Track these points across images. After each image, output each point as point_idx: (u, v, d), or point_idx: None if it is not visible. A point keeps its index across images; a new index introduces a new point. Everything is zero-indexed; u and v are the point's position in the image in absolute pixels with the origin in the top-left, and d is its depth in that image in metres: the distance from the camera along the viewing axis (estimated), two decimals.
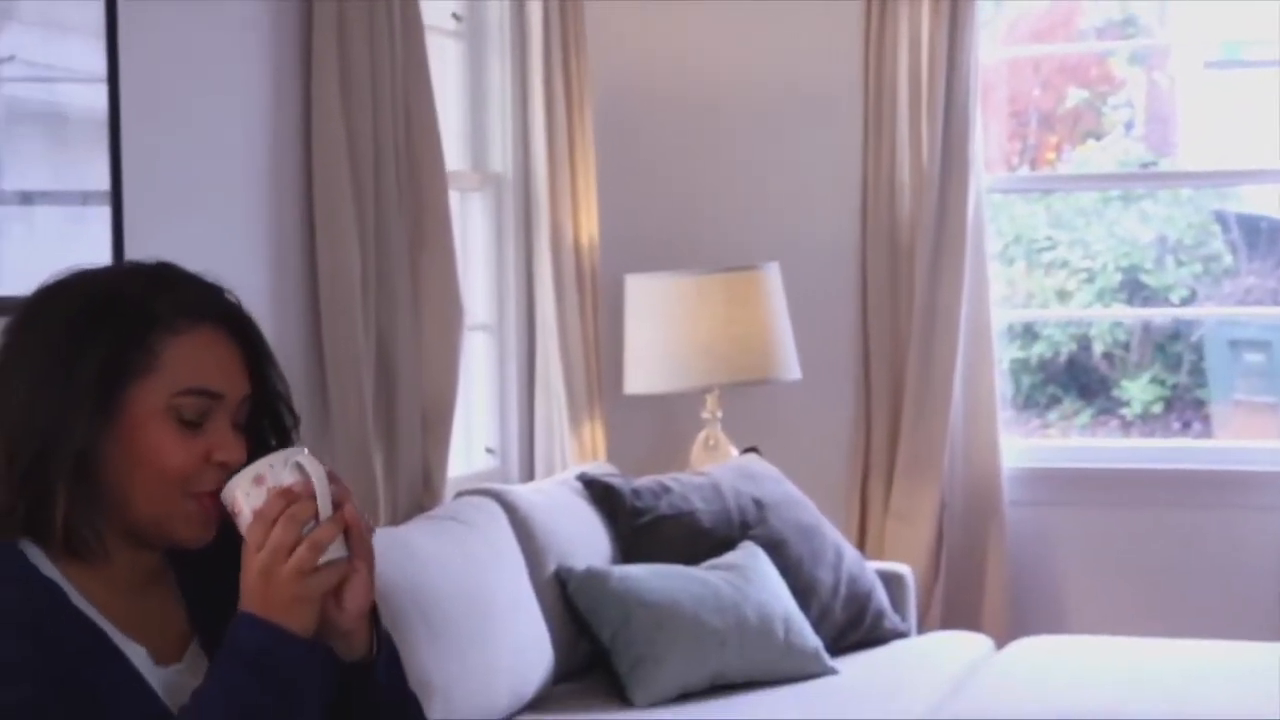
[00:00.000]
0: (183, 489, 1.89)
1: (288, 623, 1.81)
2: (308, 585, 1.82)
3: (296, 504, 1.83)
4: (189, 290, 1.93)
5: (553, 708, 4.05)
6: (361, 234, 4.07)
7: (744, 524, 4.57)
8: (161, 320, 1.89)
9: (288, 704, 1.81)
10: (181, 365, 1.89)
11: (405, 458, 4.25)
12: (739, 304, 4.97)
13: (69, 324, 1.89)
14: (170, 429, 1.88)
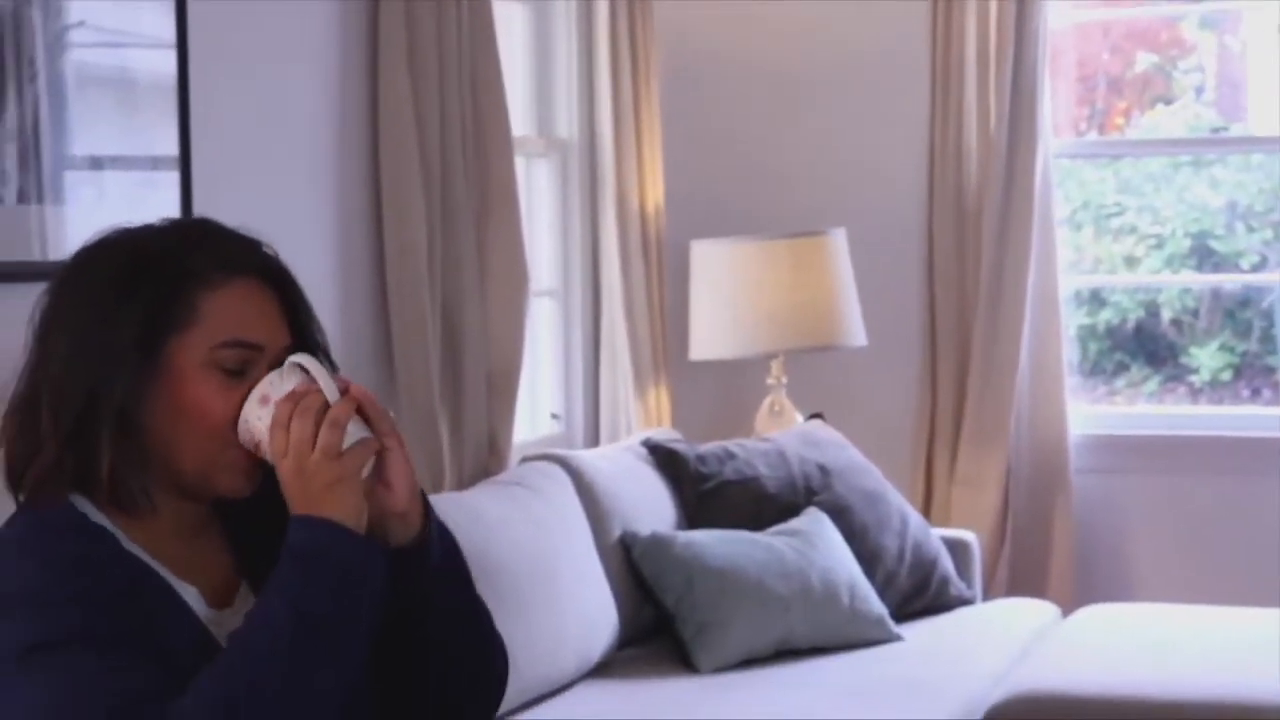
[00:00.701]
0: (225, 439, 1.92)
1: (331, 512, 1.83)
2: (341, 466, 1.84)
3: (306, 400, 1.86)
4: (226, 244, 1.96)
5: (617, 673, 4.06)
6: (427, 200, 4.08)
7: (809, 490, 4.57)
8: (199, 274, 1.92)
9: (342, 592, 1.83)
10: (221, 318, 1.92)
11: (471, 424, 4.26)
12: (805, 270, 4.96)
13: (109, 281, 1.92)
14: (212, 380, 1.91)
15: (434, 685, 2.01)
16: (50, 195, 2.97)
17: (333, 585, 1.82)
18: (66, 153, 3.03)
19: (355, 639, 1.85)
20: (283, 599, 1.82)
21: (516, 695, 3.70)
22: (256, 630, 1.82)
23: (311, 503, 1.84)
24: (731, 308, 4.98)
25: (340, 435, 1.85)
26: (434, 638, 1.99)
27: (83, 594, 1.83)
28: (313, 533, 1.83)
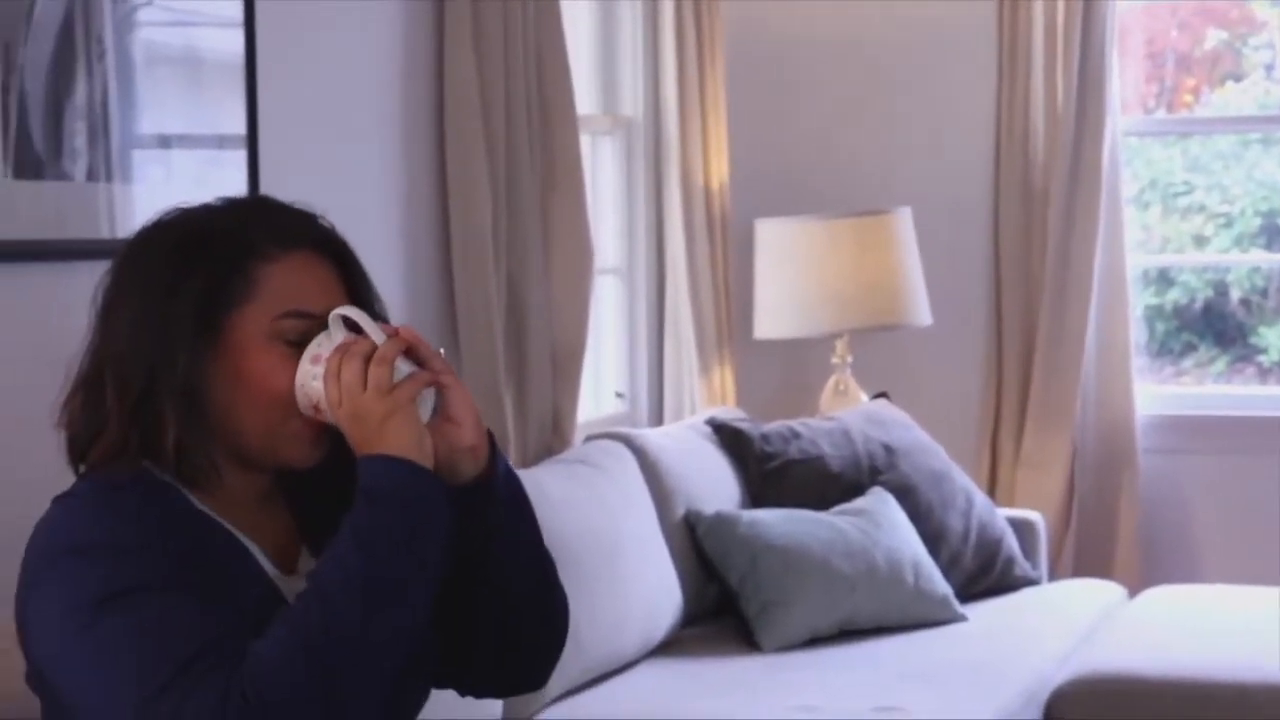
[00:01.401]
0: (288, 409, 1.94)
1: (390, 447, 1.85)
2: (393, 399, 1.86)
3: (353, 346, 1.88)
4: (281, 218, 1.98)
5: (681, 651, 4.06)
6: (493, 178, 4.08)
7: (873, 469, 4.56)
8: (256, 248, 1.94)
9: (409, 524, 1.84)
10: (280, 290, 1.94)
11: (535, 402, 4.27)
12: (870, 249, 4.94)
13: (168, 258, 1.94)
14: (274, 352, 1.93)
15: (496, 629, 2.02)
16: (119, 173, 2.99)
17: (399, 518, 1.84)
18: (135, 131, 3.05)
19: (425, 573, 1.86)
20: (352, 535, 1.83)
21: (579, 674, 3.71)
22: (328, 571, 1.83)
23: (370, 441, 1.86)
24: (796, 286, 4.97)
25: (388, 370, 1.87)
26: (498, 579, 2.00)
27: (156, 544, 1.86)
28: (374, 470, 1.85)
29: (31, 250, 2.82)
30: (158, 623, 1.80)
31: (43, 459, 2.77)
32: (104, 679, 1.82)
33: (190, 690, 1.77)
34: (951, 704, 3.63)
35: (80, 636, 1.83)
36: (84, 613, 1.82)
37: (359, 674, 1.81)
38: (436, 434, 1.91)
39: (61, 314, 2.86)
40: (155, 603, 1.81)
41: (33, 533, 1.92)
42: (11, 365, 2.77)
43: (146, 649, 1.80)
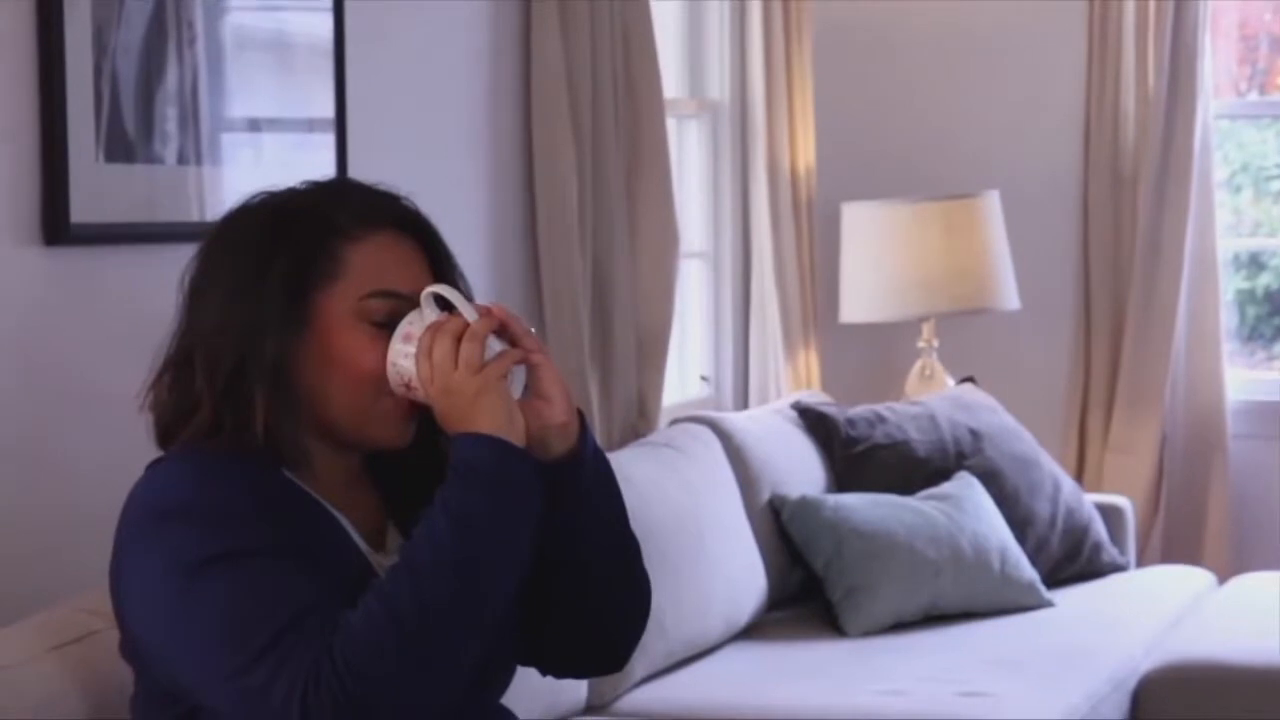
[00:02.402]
0: (377, 389, 1.95)
1: (481, 424, 1.86)
2: (484, 376, 1.87)
3: (445, 324, 1.90)
4: (366, 198, 2.00)
5: (765, 636, 4.06)
6: (579, 161, 4.09)
7: (960, 454, 4.53)
8: (342, 229, 1.96)
9: (499, 499, 1.85)
10: (365, 270, 1.95)
11: (620, 385, 4.27)
12: (957, 232, 4.92)
13: (255, 241, 1.96)
14: (361, 331, 1.94)
15: (576, 608, 2.03)
16: (208, 156, 3.01)
17: (491, 497, 1.85)
18: (224, 115, 3.07)
19: (514, 552, 1.87)
20: (443, 512, 1.85)
21: (663, 657, 3.71)
22: (420, 546, 1.84)
23: (462, 418, 1.87)
24: (882, 270, 4.95)
25: (480, 347, 1.88)
26: (581, 557, 2.01)
27: (254, 511, 1.87)
28: (467, 447, 1.86)
29: (122, 233, 2.85)
30: (253, 589, 1.82)
31: (133, 440, 2.80)
32: (199, 644, 1.83)
33: (284, 659, 1.78)
34: (1038, 690, 3.62)
35: (177, 600, 1.84)
36: (181, 576, 1.84)
37: (447, 648, 1.82)
38: (527, 411, 1.92)
39: (152, 297, 2.88)
40: (252, 568, 1.83)
41: (127, 499, 1.94)
42: (102, 347, 2.80)
43: (241, 616, 1.81)
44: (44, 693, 2.18)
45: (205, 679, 1.84)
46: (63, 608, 2.38)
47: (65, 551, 2.69)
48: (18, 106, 2.65)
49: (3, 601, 2.54)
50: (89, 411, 2.77)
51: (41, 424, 2.69)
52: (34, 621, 2.34)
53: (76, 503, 2.73)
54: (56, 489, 2.70)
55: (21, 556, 2.63)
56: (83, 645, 2.25)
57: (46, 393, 2.69)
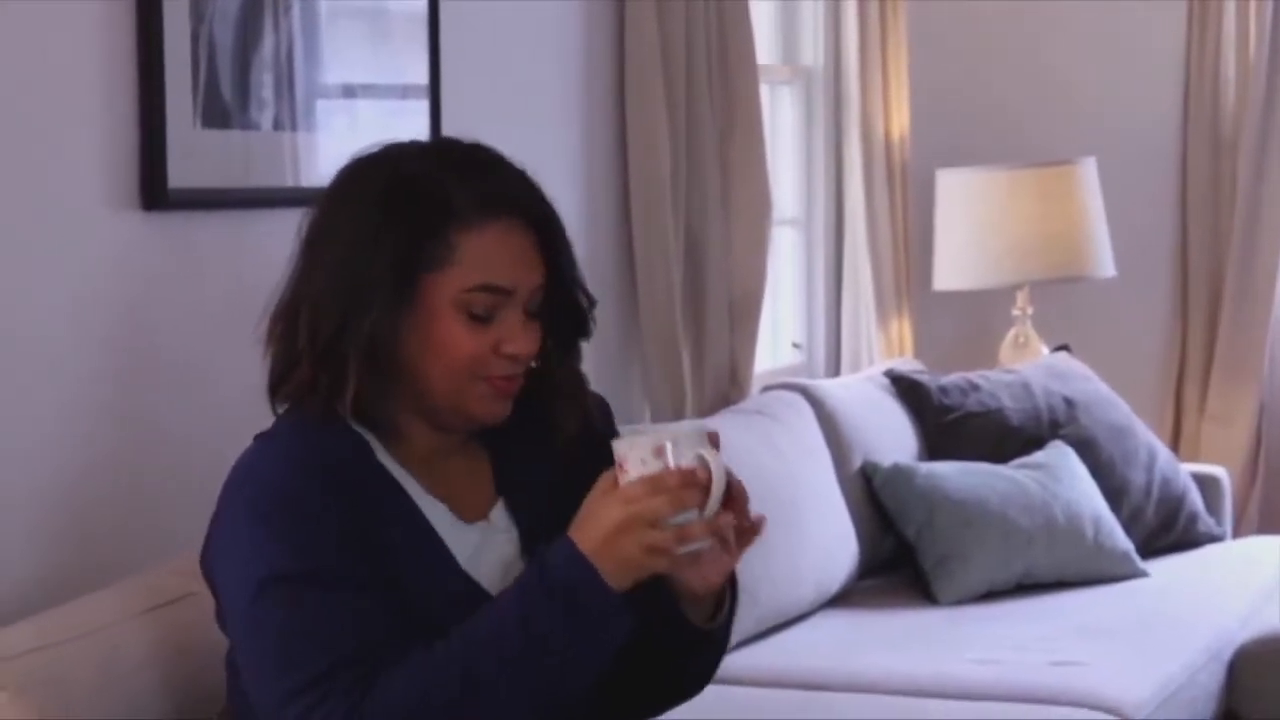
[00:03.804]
0: (472, 375, 1.96)
1: (610, 575, 1.83)
2: (649, 563, 1.84)
3: (689, 490, 1.83)
4: (490, 181, 1.97)
5: (856, 603, 4.06)
6: (672, 128, 4.08)
7: (1054, 423, 4.51)
8: (459, 214, 1.94)
9: (579, 641, 1.84)
10: (475, 261, 1.94)
11: (713, 352, 4.27)
12: (1053, 199, 4.88)
13: (373, 207, 1.95)
14: (461, 321, 1.95)
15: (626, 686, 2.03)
16: (303, 123, 3.03)
17: (572, 627, 1.83)
18: (320, 81, 3.08)
19: (581, 675, 1.87)
20: (520, 626, 1.83)
21: (754, 624, 3.71)
22: (482, 632, 1.85)
23: (601, 554, 1.83)
24: (977, 237, 4.92)
25: (677, 549, 1.83)
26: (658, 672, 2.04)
27: (334, 506, 1.90)
28: (576, 565, 1.83)
29: (219, 198, 2.87)
30: (306, 624, 1.86)
31: (227, 403, 2.84)
32: (256, 658, 1.90)
33: (314, 706, 1.83)
34: (1132, 659, 3.59)
35: (245, 609, 1.90)
36: (253, 586, 1.89)
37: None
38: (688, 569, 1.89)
39: (248, 261, 2.91)
40: (313, 600, 1.86)
41: (231, 471, 1.98)
42: (199, 311, 2.82)
43: (290, 649, 1.86)
44: (140, 653, 2.21)
45: (252, 684, 1.92)
46: (158, 570, 2.41)
47: (162, 515, 2.72)
48: (117, 73, 2.67)
49: (99, 565, 2.57)
50: (185, 374, 2.80)
51: (138, 387, 2.71)
52: (130, 583, 2.37)
53: (171, 466, 2.76)
54: (151, 452, 2.73)
55: (119, 520, 2.66)
56: (177, 607, 2.28)
57: (143, 355, 2.72)
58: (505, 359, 1.96)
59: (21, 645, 2.12)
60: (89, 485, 2.62)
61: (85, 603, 2.30)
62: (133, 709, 2.17)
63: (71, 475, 2.59)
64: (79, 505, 2.60)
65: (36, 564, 2.51)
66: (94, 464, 2.63)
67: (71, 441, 2.58)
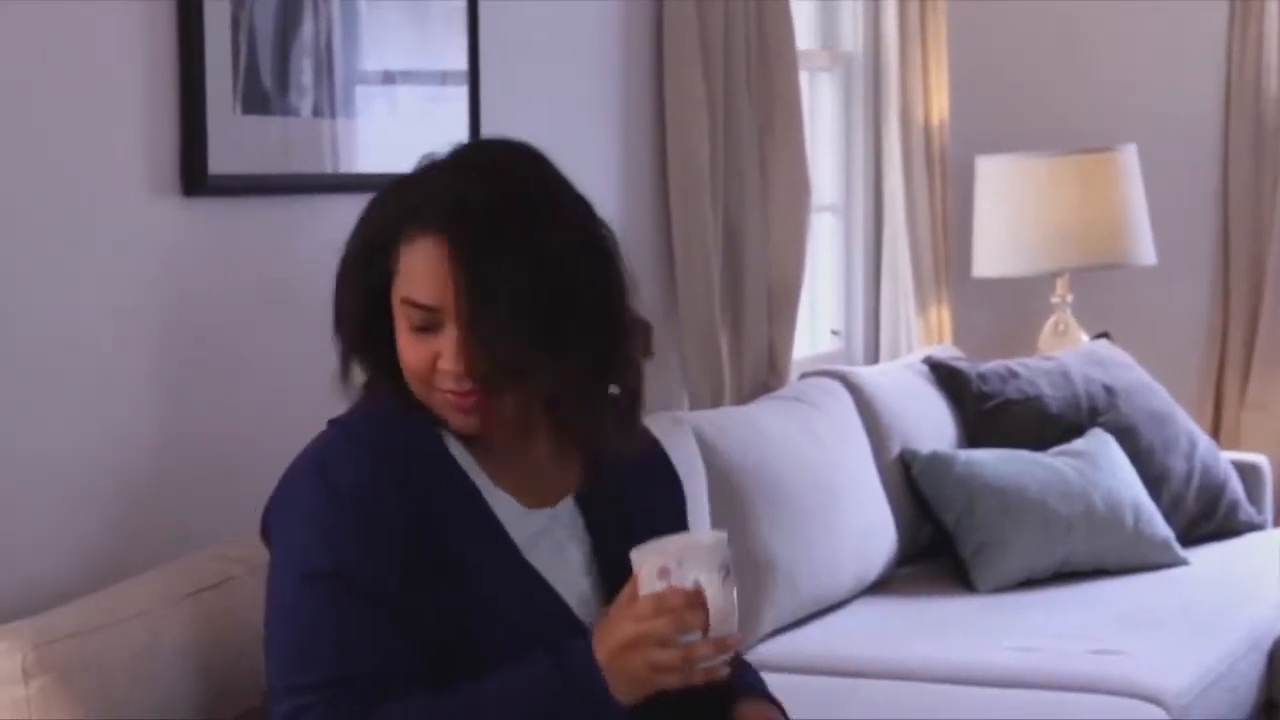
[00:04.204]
0: (425, 383, 1.98)
1: (619, 687, 1.87)
2: (658, 680, 1.87)
3: (692, 611, 1.86)
4: (428, 193, 1.97)
5: (895, 590, 4.05)
6: (711, 114, 4.07)
7: (1093, 410, 4.49)
8: (404, 223, 1.96)
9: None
10: (405, 273, 1.96)
11: (751, 338, 4.27)
12: (1093, 186, 4.86)
13: (374, 205, 2.02)
14: (406, 331, 1.97)
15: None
16: (343, 109, 3.03)
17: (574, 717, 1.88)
18: (359, 67, 3.09)
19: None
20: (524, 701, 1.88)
21: (792, 611, 3.71)
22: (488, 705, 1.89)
23: (613, 666, 1.87)
24: (1017, 224, 4.91)
25: (683, 669, 1.87)
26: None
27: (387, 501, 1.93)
28: (591, 678, 1.87)
29: (258, 184, 2.88)
30: (331, 628, 1.90)
31: (269, 385, 2.85)
32: (278, 641, 1.94)
33: (324, 705, 1.88)
34: (1172, 648, 3.58)
35: (284, 592, 1.95)
36: (296, 576, 1.93)
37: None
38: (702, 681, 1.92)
39: (287, 247, 2.92)
40: (348, 608, 1.90)
41: (303, 451, 2.01)
42: (238, 296, 2.83)
43: (309, 647, 1.91)
44: (179, 638, 2.22)
45: (268, 659, 1.96)
46: (201, 554, 2.42)
47: (202, 500, 2.73)
48: (157, 58, 2.68)
49: (140, 550, 2.58)
50: (225, 359, 2.80)
51: (178, 372, 2.72)
52: (173, 567, 2.38)
53: (211, 451, 2.77)
54: (191, 437, 2.74)
55: (160, 505, 2.67)
56: (219, 591, 2.29)
57: (183, 341, 2.73)
58: (444, 374, 1.96)
59: (62, 630, 2.13)
60: (130, 470, 2.63)
61: (125, 588, 2.31)
62: (171, 693, 2.18)
63: (113, 460, 2.60)
64: (120, 490, 2.61)
65: (78, 549, 2.53)
66: (135, 449, 2.64)
67: (112, 426, 2.60)
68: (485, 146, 2.07)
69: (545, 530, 2.03)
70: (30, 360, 2.47)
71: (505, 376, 1.94)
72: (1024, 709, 3.28)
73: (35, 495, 2.47)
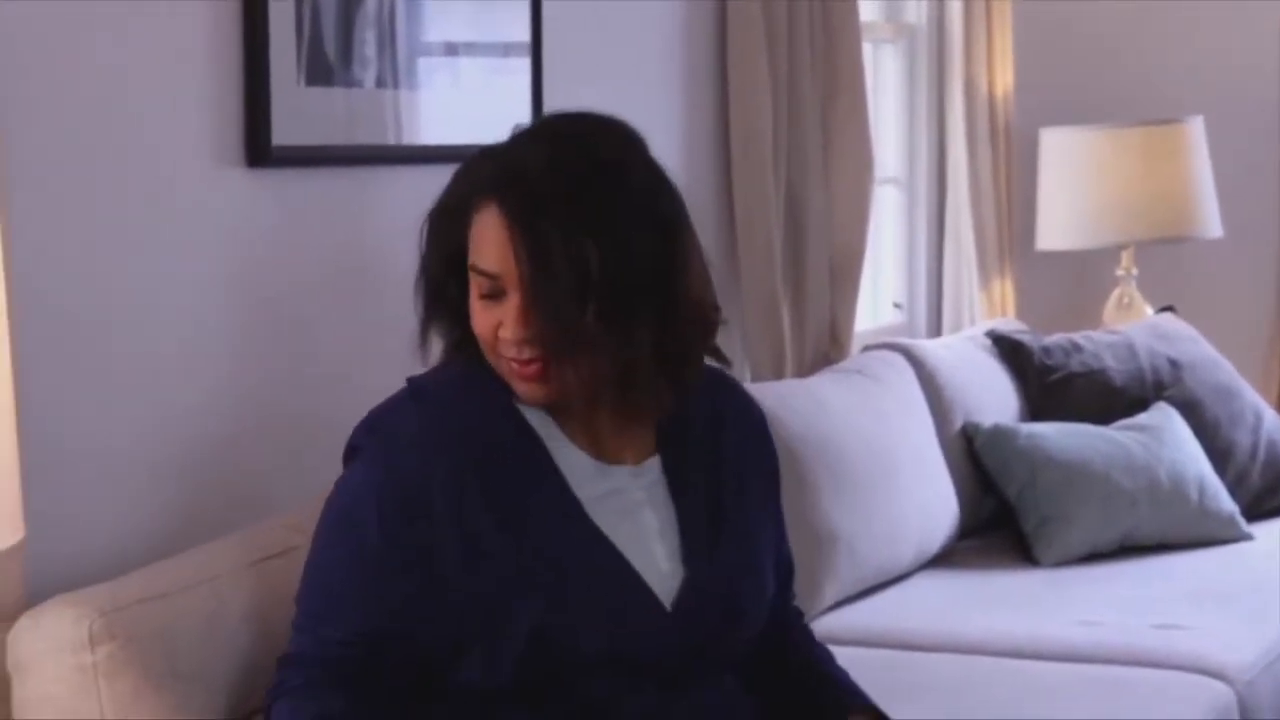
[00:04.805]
0: (492, 349, 2.00)
1: None
2: None
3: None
4: (492, 165, 1.99)
5: (956, 564, 4.04)
6: (774, 86, 4.06)
7: (1158, 384, 4.47)
8: (475, 192, 1.98)
9: None
10: (474, 241, 1.98)
11: (813, 311, 4.26)
12: (1159, 158, 4.83)
13: (456, 174, 2.04)
14: (476, 297, 1.99)
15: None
16: (406, 80, 3.04)
17: None
18: (422, 39, 3.09)
19: None
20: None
21: (854, 584, 3.71)
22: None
23: None
24: (1081, 197, 4.88)
25: None
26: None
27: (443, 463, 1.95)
28: None
29: (322, 155, 2.89)
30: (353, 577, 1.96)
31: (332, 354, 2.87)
32: (307, 567, 2.01)
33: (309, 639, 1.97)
34: (1236, 624, 3.56)
35: (321, 527, 2.01)
36: (330, 515, 2.00)
37: None
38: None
39: (350, 218, 2.93)
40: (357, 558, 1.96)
41: (373, 409, 2.05)
42: (303, 266, 2.84)
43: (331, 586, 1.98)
44: (244, 605, 2.24)
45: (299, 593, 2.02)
46: (267, 523, 2.44)
47: (268, 469, 2.75)
48: (222, 31, 2.69)
49: (207, 518, 2.60)
50: (289, 328, 2.82)
51: (242, 341, 2.74)
52: (239, 536, 2.40)
53: (280, 418, 2.79)
54: (256, 406, 2.75)
55: (228, 473, 2.69)
56: (283, 559, 2.31)
57: (248, 310, 2.75)
58: (506, 342, 1.97)
59: (130, 596, 2.15)
60: (197, 439, 2.65)
61: (192, 555, 2.33)
62: (235, 660, 2.20)
63: (180, 429, 2.62)
64: (187, 459, 2.63)
65: (145, 518, 2.55)
66: (201, 418, 2.65)
67: (179, 396, 2.61)
68: (564, 118, 2.07)
69: (621, 489, 2.03)
70: (99, 329, 2.49)
71: (563, 345, 1.93)
72: (1086, 683, 3.27)
73: (103, 463, 2.49)
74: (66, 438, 2.42)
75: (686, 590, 2.00)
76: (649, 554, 2.02)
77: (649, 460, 2.06)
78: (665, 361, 1.99)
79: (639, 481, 2.05)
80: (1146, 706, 3.14)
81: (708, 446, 2.10)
